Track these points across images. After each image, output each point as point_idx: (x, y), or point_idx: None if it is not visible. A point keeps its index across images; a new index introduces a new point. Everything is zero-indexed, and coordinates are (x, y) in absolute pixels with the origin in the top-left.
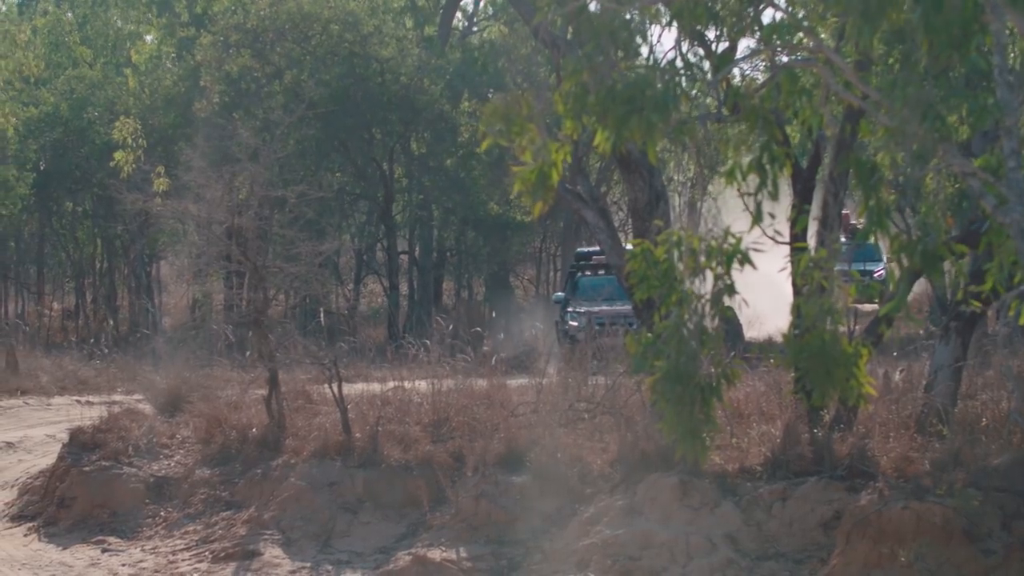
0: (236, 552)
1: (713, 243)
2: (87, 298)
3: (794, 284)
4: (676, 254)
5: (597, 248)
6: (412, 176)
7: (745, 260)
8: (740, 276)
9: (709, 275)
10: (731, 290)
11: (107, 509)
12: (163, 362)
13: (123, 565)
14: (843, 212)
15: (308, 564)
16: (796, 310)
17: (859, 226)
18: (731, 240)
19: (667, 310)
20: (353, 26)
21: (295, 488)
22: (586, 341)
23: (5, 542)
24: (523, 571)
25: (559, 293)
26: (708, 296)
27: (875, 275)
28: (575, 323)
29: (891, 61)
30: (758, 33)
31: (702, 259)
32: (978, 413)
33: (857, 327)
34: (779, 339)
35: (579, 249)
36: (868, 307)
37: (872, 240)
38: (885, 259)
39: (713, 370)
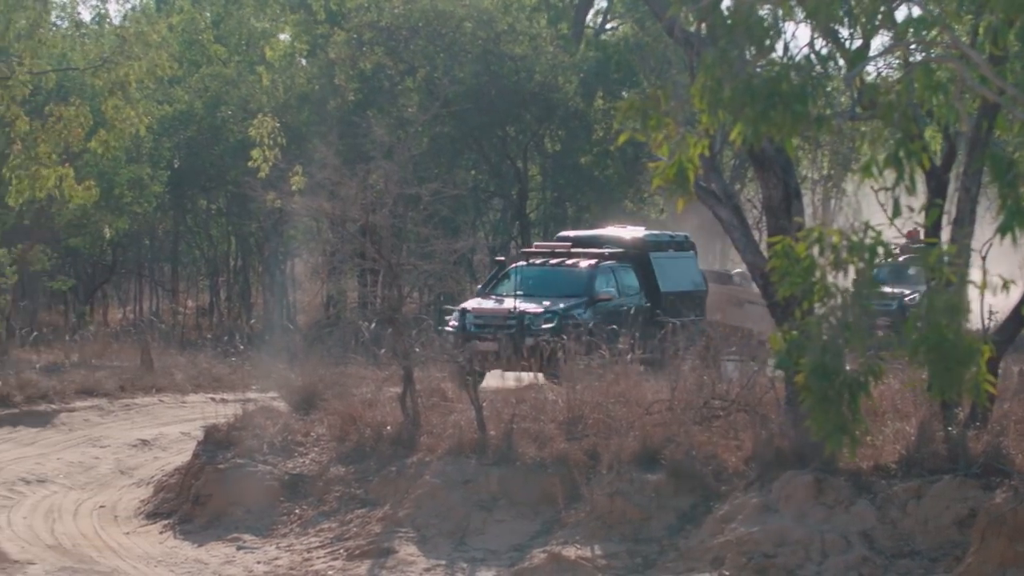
0: (371, 550)
1: (854, 238)
2: (221, 296)
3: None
4: (817, 250)
5: (585, 233)
6: (546, 174)
7: (888, 254)
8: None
9: (850, 271)
10: (873, 284)
11: (242, 506)
12: (298, 360)
13: (258, 563)
14: (912, 229)
15: (443, 562)
16: (925, 305)
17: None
18: (872, 234)
19: (809, 306)
20: (487, 24)
21: (430, 486)
22: (456, 343)
23: (141, 539)
24: (657, 569)
25: (480, 287)
26: (850, 291)
27: (906, 300)
28: (455, 323)
29: None
30: (892, 29)
31: (843, 254)
32: None
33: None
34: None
35: (562, 233)
36: None
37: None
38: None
39: (858, 366)
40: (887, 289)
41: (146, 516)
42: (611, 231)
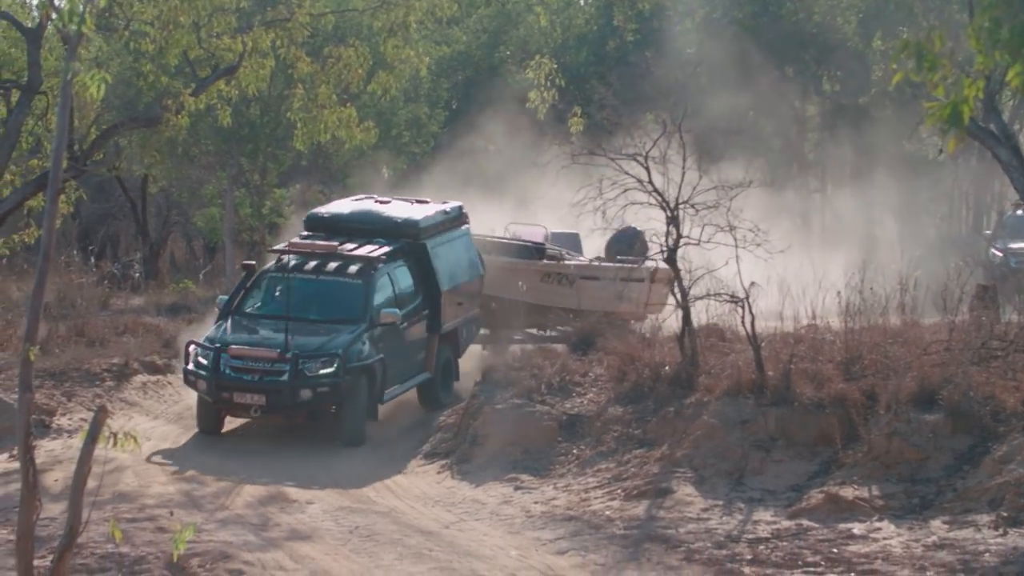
0: (648, 490)
1: None
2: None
3: None
4: None
5: (345, 211)
6: (824, 114)
7: None
8: None
9: None
10: None
11: (519, 447)
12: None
13: (535, 503)
14: None
15: (720, 502)
16: None
17: None
18: None
19: None
20: None
21: (707, 426)
22: (209, 392)
23: (419, 479)
24: (935, 509)
25: (223, 296)
26: None
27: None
28: (203, 360)
29: None
30: None
31: None
32: None
33: None
34: None
35: (314, 209)
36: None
37: None
38: None
39: None
40: None
41: (424, 456)
42: (374, 208)
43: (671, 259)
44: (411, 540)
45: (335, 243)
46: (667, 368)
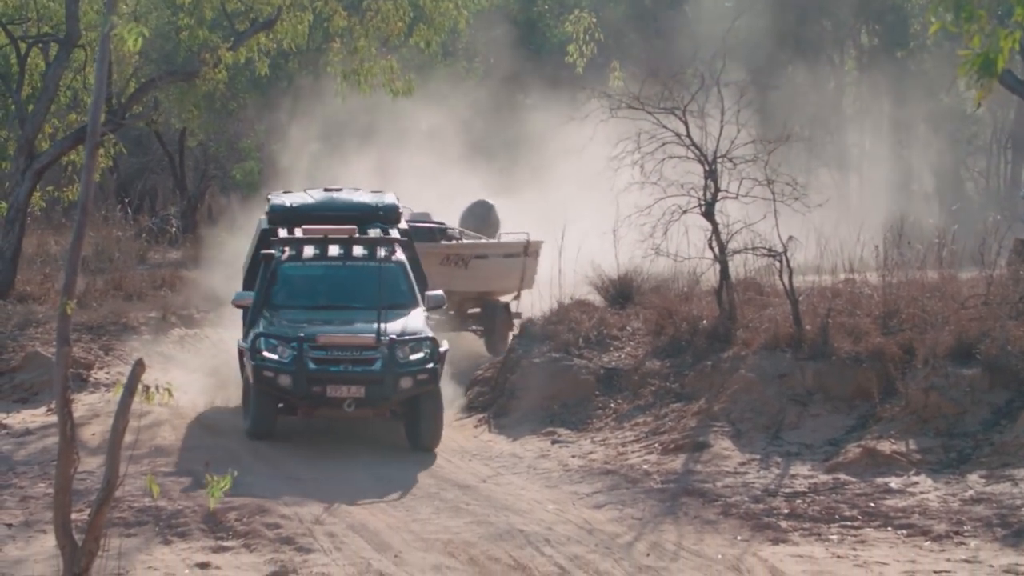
0: (685, 444)
1: None
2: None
3: None
4: None
5: (310, 199)
6: (862, 68)
7: None
8: None
9: None
10: None
11: (557, 400)
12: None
13: (573, 456)
14: None
15: (757, 456)
16: None
17: None
18: None
19: None
20: None
21: (745, 380)
22: (296, 388)
23: (456, 433)
24: (972, 463)
25: (244, 291)
26: None
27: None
28: (273, 355)
29: None
30: None
31: None
32: None
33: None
34: None
35: (274, 199)
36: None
37: None
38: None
39: None
40: None
41: (461, 410)
42: (340, 195)
43: (709, 213)
44: (448, 494)
45: (352, 227)
46: (705, 322)
